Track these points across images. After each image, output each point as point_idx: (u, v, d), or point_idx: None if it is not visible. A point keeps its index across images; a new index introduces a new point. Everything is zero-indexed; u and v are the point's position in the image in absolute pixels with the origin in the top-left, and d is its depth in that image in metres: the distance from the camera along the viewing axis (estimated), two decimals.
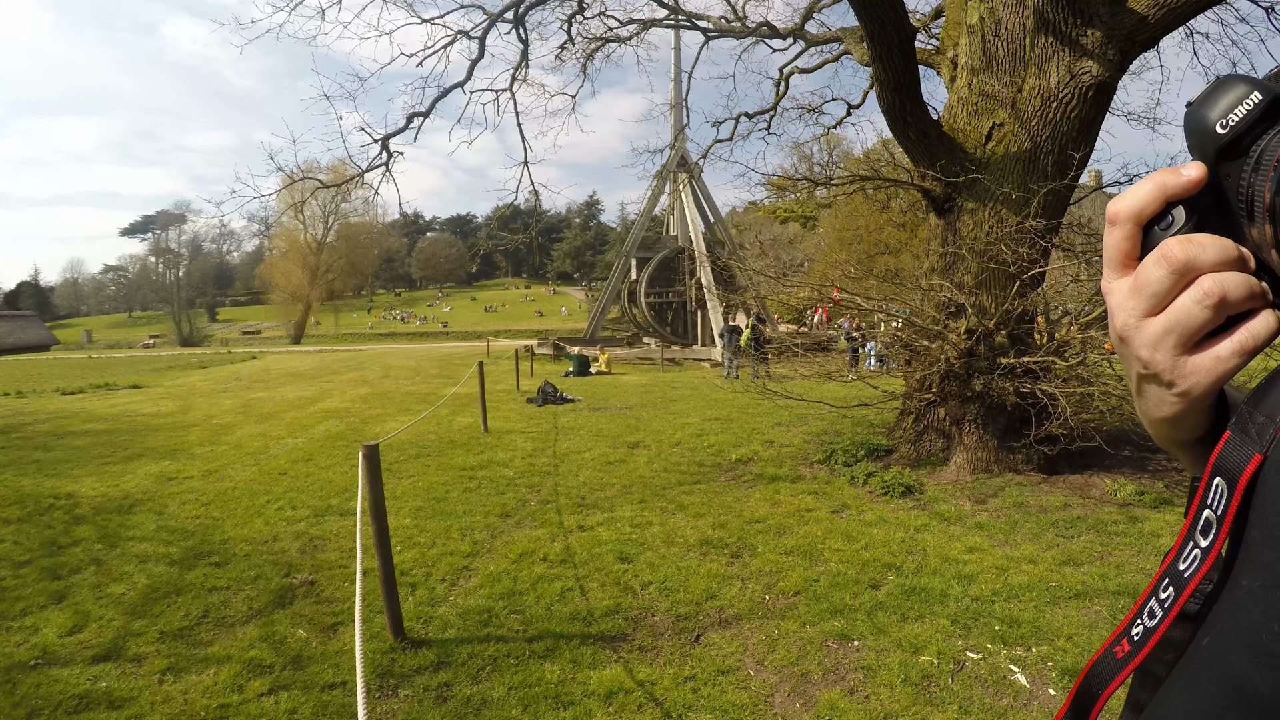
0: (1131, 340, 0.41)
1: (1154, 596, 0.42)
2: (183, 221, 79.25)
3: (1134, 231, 0.42)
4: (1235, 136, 0.39)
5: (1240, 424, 0.39)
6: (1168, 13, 5.31)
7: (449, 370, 19.14)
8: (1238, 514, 0.38)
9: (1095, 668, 0.45)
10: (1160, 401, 0.42)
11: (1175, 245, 0.39)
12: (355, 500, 4.04)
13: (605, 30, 12.76)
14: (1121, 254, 0.42)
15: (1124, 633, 0.44)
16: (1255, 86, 0.39)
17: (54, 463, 7.58)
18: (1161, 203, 0.41)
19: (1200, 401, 0.41)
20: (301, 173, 12.93)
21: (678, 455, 7.49)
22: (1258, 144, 0.38)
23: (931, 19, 10.08)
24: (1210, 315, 0.38)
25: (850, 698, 2.89)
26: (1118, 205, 0.42)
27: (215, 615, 3.75)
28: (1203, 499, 0.40)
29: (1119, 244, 0.42)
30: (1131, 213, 0.41)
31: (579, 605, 3.79)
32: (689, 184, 26.29)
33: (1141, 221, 0.41)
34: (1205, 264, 0.39)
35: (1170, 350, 0.40)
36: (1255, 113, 0.38)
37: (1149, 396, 0.43)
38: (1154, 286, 0.40)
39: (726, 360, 17.66)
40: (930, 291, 6.46)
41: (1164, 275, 0.39)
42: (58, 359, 35.84)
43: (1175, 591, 0.41)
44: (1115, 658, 0.44)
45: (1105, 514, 5.03)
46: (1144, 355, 0.41)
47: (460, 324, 64.36)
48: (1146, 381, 0.42)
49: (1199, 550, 0.40)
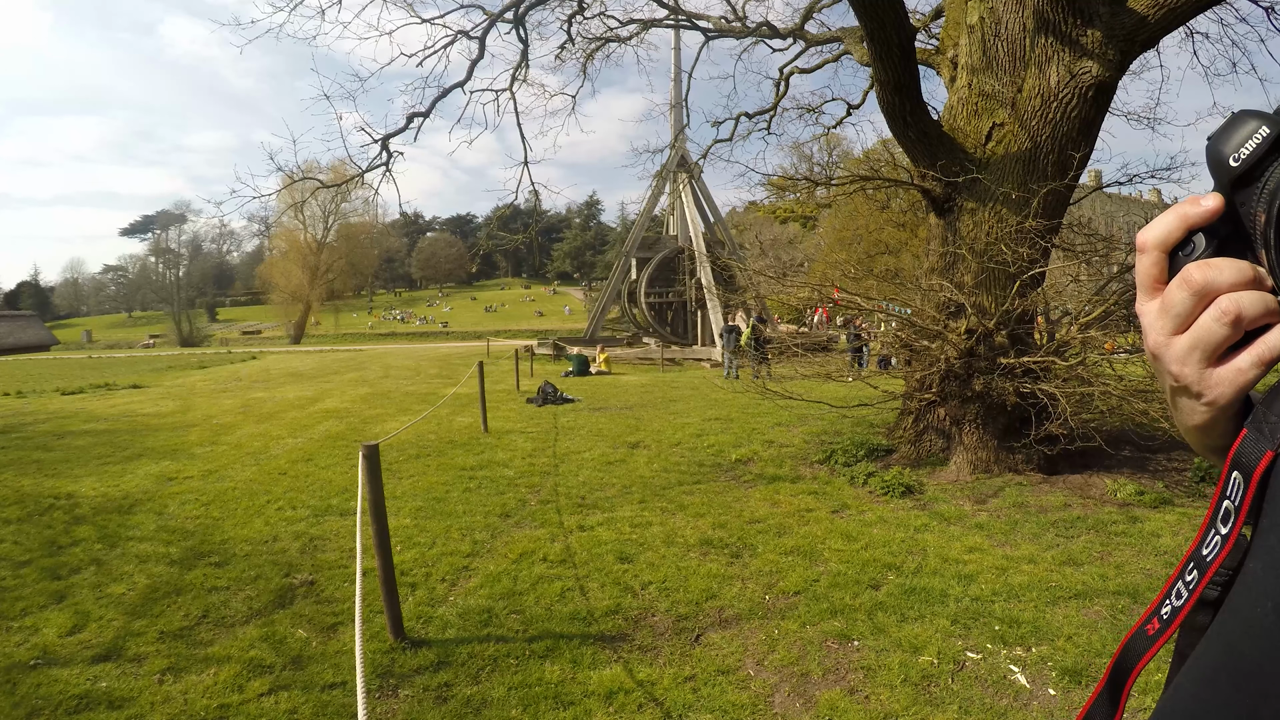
0: (1163, 356, 0.45)
1: (1181, 579, 0.46)
2: (183, 221, 79.36)
3: (1160, 258, 0.45)
4: (1247, 168, 0.42)
5: (1256, 423, 0.43)
6: (1168, 13, 5.31)
7: (449, 370, 19.14)
8: (1253, 504, 0.42)
9: (1130, 644, 0.49)
10: (1192, 411, 0.46)
11: (1195, 269, 0.43)
12: (355, 500, 4.04)
13: (605, 30, 12.77)
14: (1150, 279, 0.46)
15: (1155, 611, 0.48)
16: (1265, 121, 0.42)
17: (54, 463, 7.57)
18: (1184, 231, 0.45)
19: (1227, 410, 0.45)
20: (301, 173, 12.95)
21: (678, 455, 7.49)
22: (1265, 174, 0.42)
23: (931, 19, 10.09)
24: (1228, 331, 0.42)
25: (850, 698, 2.89)
26: (1145, 235, 0.46)
27: (215, 615, 3.75)
28: (1223, 490, 0.44)
29: (1148, 270, 0.46)
30: (1157, 241, 0.45)
31: (579, 605, 3.79)
32: (689, 184, 26.29)
33: (1167, 248, 0.45)
34: (1222, 285, 0.42)
35: (1196, 364, 0.44)
36: (1264, 146, 0.42)
37: (1182, 407, 0.47)
38: (1178, 307, 0.44)
39: (726, 360, 17.66)
40: (930, 291, 6.46)
41: (1185, 297, 0.43)
42: (58, 359, 35.84)
43: (1199, 574, 0.45)
44: (1147, 635, 0.48)
45: (1105, 514, 5.03)
46: (1174, 370, 0.45)
47: (460, 324, 64.37)
48: (1179, 394, 0.46)
49: (1219, 537, 0.44)
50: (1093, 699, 0.52)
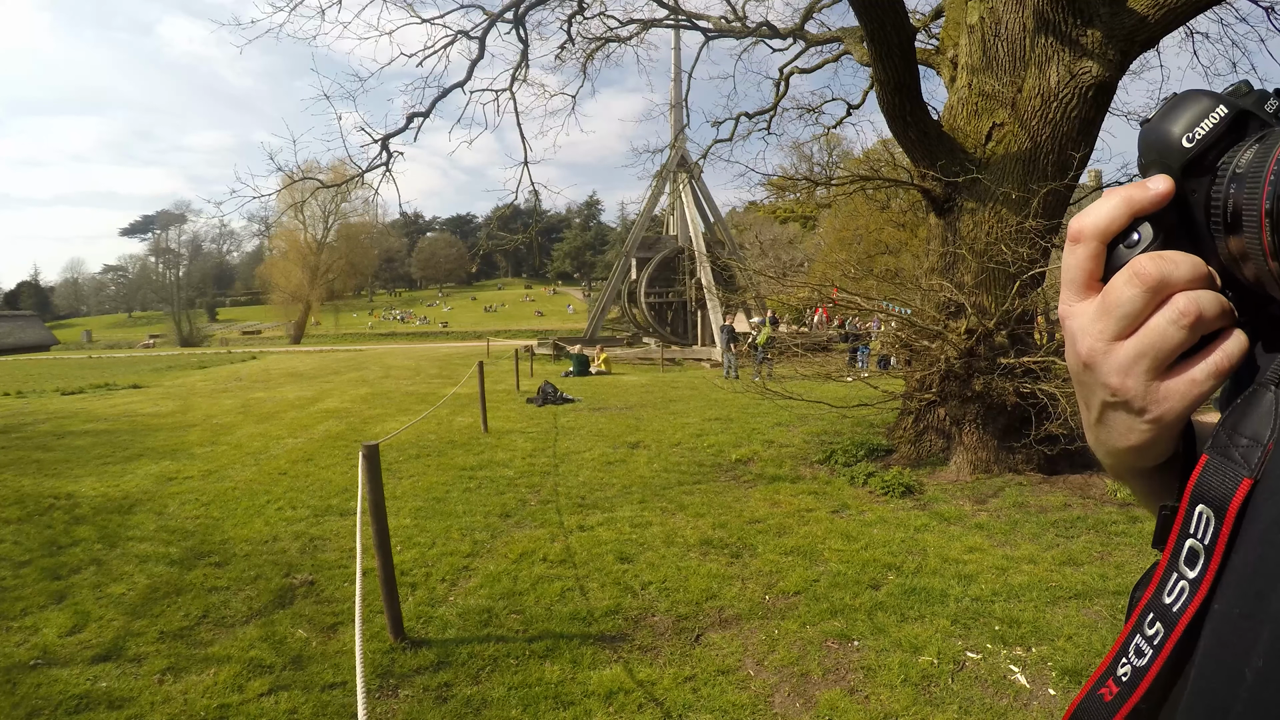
0: (1098, 366, 0.39)
1: (1138, 632, 0.39)
2: (182, 221, 79.32)
3: (1099, 250, 0.39)
4: (1202, 150, 0.38)
5: (1219, 447, 0.37)
6: (1167, 13, 5.31)
7: (449, 370, 19.14)
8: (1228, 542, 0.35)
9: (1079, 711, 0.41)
10: (1128, 430, 0.40)
11: (1148, 261, 0.37)
12: (355, 500, 4.04)
13: (605, 30, 12.76)
14: (1085, 274, 0.40)
15: (1108, 672, 0.40)
16: (1219, 100, 0.38)
17: (54, 463, 7.57)
18: (1128, 219, 0.39)
19: (1172, 428, 0.39)
20: (301, 173, 12.96)
21: (678, 455, 7.49)
22: (1225, 157, 0.37)
23: (931, 19, 10.08)
24: (1185, 335, 0.36)
25: (850, 698, 2.89)
26: (1081, 222, 0.40)
27: (215, 615, 3.75)
28: (1183, 527, 0.37)
29: (1083, 263, 0.40)
30: (1097, 230, 0.39)
31: (579, 605, 3.79)
32: (689, 184, 26.29)
33: (1107, 239, 0.39)
34: (1179, 281, 0.37)
35: (1143, 375, 0.37)
36: (1221, 126, 0.38)
37: (1115, 425, 0.40)
38: (1125, 307, 0.37)
39: (727, 360, 17.67)
40: (930, 291, 6.46)
41: (1136, 294, 0.37)
42: (58, 359, 35.84)
43: (1165, 628, 0.37)
44: (1103, 701, 0.40)
45: (1105, 514, 5.03)
46: (1113, 382, 0.38)
47: (460, 324, 64.36)
48: (1113, 409, 0.40)
49: (1186, 583, 0.37)
50: None
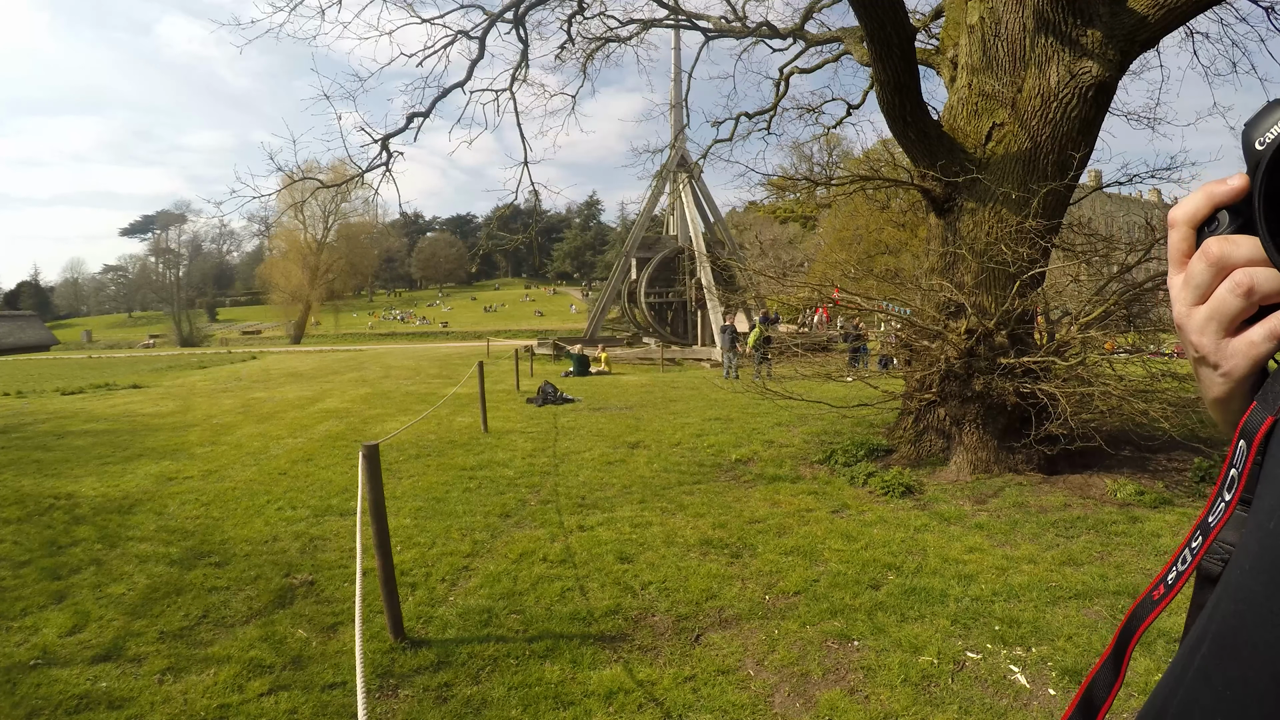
0: (1185, 327, 0.47)
1: (1187, 546, 0.49)
2: (182, 221, 79.40)
3: (1188, 233, 0.48)
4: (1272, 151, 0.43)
5: (1263, 395, 0.45)
6: (1167, 13, 5.32)
7: (449, 370, 19.14)
8: (1252, 470, 0.44)
9: (1136, 610, 0.52)
10: (1211, 383, 0.48)
11: (1213, 243, 0.45)
12: (355, 500, 4.04)
13: (605, 30, 12.75)
14: (1179, 253, 0.48)
15: (1160, 580, 0.50)
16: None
17: (54, 463, 7.57)
18: (1210, 208, 0.47)
19: (1242, 383, 0.46)
20: (301, 173, 12.95)
21: (678, 455, 7.49)
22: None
23: (931, 19, 10.08)
24: (1241, 303, 0.44)
25: (850, 698, 2.89)
26: (1175, 211, 0.48)
27: (215, 615, 3.75)
28: (1230, 459, 0.46)
29: (1176, 244, 0.48)
30: (1185, 217, 0.48)
31: (579, 605, 3.79)
32: (689, 184, 26.30)
33: (1194, 224, 0.47)
34: (1238, 259, 0.44)
35: (1213, 335, 0.46)
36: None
37: (1204, 379, 0.49)
38: (1197, 279, 0.46)
39: (726, 360, 17.67)
40: (930, 291, 6.46)
41: (1204, 269, 0.45)
42: (58, 359, 35.84)
43: (1203, 538, 0.47)
44: (1153, 599, 0.50)
45: (1105, 514, 5.03)
46: (1195, 339, 0.47)
47: (460, 324, 64.39)
48: (1200, 365, 0.48)
49: (1224, 503, 0.46)
50: (1099, 664, 0.54)
